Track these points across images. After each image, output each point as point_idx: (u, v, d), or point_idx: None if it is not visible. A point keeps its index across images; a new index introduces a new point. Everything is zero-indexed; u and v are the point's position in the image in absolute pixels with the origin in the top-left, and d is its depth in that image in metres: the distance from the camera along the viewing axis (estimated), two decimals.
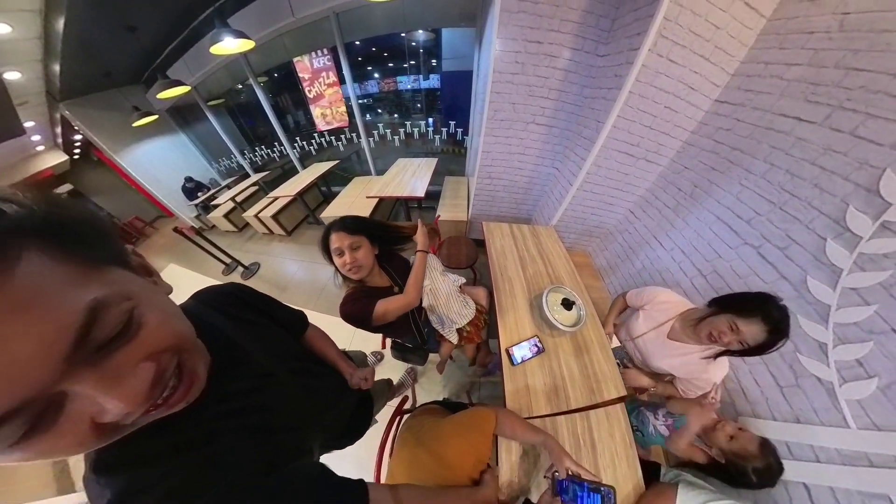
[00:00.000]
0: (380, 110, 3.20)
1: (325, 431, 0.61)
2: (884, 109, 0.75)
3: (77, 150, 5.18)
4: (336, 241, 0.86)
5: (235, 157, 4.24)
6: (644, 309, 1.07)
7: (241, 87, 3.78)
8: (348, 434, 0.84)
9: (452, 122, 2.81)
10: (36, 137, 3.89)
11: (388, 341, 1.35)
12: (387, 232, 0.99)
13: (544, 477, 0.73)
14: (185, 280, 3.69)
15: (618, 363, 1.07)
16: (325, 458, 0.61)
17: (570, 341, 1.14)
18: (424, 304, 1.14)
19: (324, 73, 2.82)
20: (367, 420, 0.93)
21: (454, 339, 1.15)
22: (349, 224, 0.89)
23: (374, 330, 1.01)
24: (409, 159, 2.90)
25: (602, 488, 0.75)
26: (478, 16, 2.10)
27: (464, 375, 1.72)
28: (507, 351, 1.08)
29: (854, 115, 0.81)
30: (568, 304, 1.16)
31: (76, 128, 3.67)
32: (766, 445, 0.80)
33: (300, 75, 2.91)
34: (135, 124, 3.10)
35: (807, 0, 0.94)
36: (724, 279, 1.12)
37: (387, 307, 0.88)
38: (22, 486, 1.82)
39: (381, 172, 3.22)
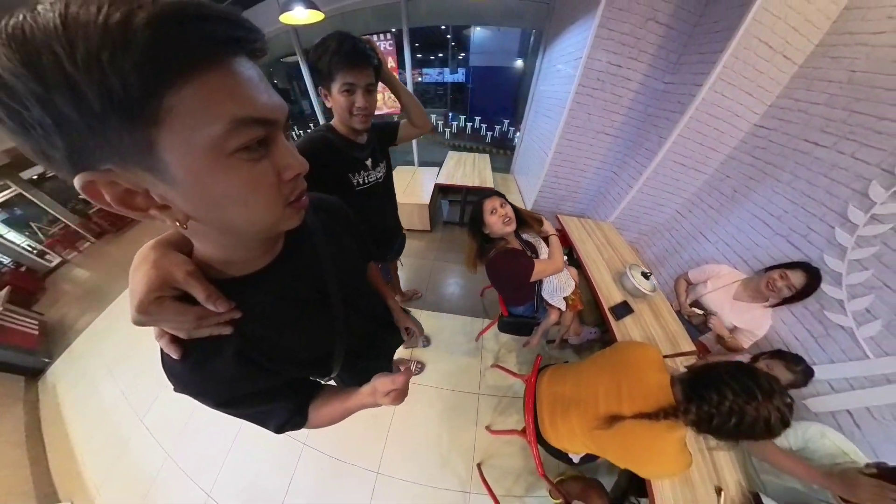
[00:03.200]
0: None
1: (344, 364, 0.66)
2: (873, 141, 1.25)
3: None
4: (490, 203, 1.27)
5: None
6: (710, 280, 1.58)
7: (270, 68, 4.00)
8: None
9: (506, 121, 3.24)
10: None
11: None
12: (518, 212, 1.38)
13: None
14: None
15: (703, 314, 1.53)
16: None
17: (647, 306, 1.60)
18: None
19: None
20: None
21: (562, 305, 1.56)
22: (497, 193, 1.32)
23: (518, 287, 1.40)
24: (459, 153, 3.28)
25: None
26: (546, 20, 2.60)
27: (529, 353, 2.09)
28: (611, 309, 1.51)
29: (853, 144, 1.31)
30: (646, 275, 1.63)
31: None
32: (790, 363, 1.21)
33: None
34: None
35: (828, 57, 1.45)
36: (762, 262, 1.58)
37: (544, 267, 1.30)
38: None
39: (423, 164, 3.58)
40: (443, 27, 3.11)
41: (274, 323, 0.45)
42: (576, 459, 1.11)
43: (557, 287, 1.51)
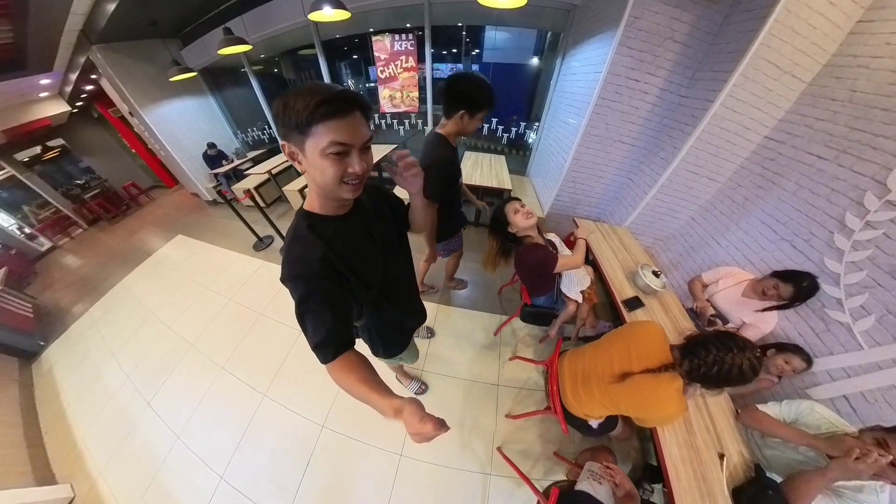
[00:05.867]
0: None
1: (378, 295, 0.96)
2: (868, 155, 1.48)
3: (80, 103, 5.20)
4: (512, 205, 1.55)
5: (268, 129, 4.64)
6: (722, 279, 1.83)
7: (276, 58, 4.29)
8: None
9: (523, 123, 3.52)
10: (45, 81, 4.00)
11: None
12: None
13: None
14: (199, 254, 3.94)
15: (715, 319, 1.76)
16: None
17: (658, 302, 1.82)
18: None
19: (402, 57, 3.37)
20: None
21: (579, 298, 1.79)
22: (515, 198, 1.60)
23: (542, 277, 1.66)
24: (475, 153, 3.54)
25: None
26: (566, 23, 2.90)
27: (545, 349, 2.31)
28: (623, 302, 1.74)
29: (853, 158, 1.54)
30: (657, 273, 1.85)
31: (97, 76, 3.91)
32: (781, 349, 1.49)
33: (376, 54, 3.42)
34: (172, 79, 3.40)
35: (833, 77, 1.69)
36: (768, 265, 1.82)
37: (565, 261, 1.56)
38: None
39: None
40: (458, 23, 3.34)
41: (345, 243, 0.80)
42: (594, 425, 1.33)
43: (575, 280, 1.75)
